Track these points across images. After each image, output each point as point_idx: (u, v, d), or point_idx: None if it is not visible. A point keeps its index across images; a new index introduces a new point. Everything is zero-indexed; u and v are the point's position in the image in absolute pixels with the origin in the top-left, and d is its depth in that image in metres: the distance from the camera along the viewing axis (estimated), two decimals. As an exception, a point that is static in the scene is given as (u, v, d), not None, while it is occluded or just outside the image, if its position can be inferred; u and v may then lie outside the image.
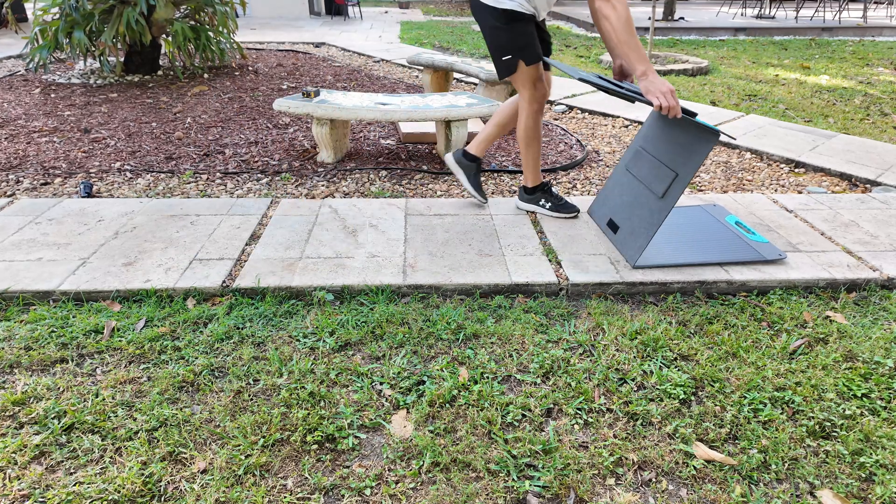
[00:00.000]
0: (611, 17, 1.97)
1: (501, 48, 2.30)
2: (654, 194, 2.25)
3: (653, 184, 2.26)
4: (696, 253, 2.30)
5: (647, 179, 2.32)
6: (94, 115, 4.26)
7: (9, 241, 2.34)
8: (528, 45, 2.28)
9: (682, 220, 2.57)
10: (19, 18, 8.58)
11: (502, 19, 2.20)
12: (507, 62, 2.31)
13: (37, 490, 1.34)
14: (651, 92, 1.96)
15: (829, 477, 1.43)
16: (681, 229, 2.50)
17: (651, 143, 2.39)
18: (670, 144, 2.25)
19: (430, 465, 1.44)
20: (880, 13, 12.11)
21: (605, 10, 1.98)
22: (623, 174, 2.50)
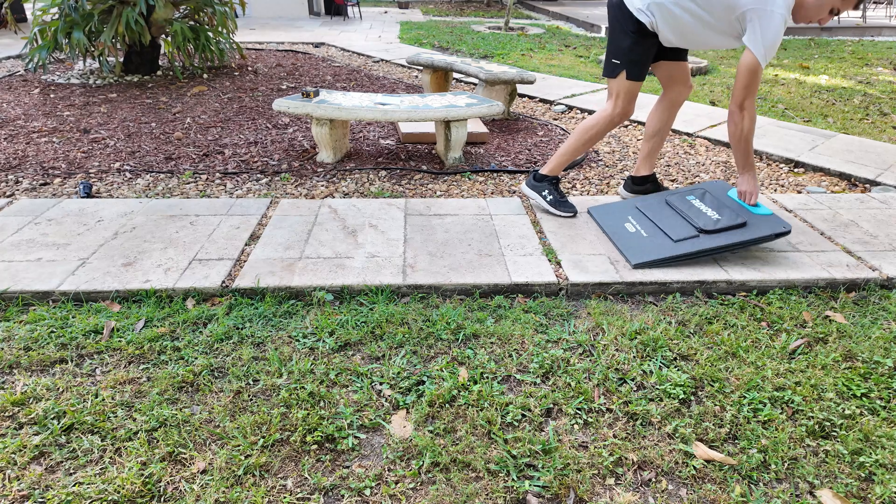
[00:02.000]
0: (736, 126, 2.29)
1: (617, 51, 2.46)
2: (693, 227, 2.36)
3: (698, 218, 2.38)
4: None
5: (690, 214, 2.43)
6: (94, 115, 4.26)
7: (8, 242, 2.34)
8: (639, 62, 2.44)
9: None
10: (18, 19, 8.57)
11: (632, 26, 2.35)
12: (615, 66, 2.48)
13: (36, 490, 1.34)
14: (741, 188, 2.44)
15: (829, 476, 1.43)
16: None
17: (716, 191, 2.56)
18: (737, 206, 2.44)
19: (429, 465, 1.44)
20: (879, 13, 12.12)
21: (735, 117, 2.28)
22: (661, 205, 2.58)
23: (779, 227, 2.22)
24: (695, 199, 2.50)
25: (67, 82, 5.20)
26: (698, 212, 2.41)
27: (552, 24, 10.68)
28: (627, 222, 2.51)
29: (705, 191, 2.55)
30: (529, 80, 4.13)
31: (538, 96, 4.90)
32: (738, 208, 2.39)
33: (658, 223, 2.44)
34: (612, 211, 2.64)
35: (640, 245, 2.34)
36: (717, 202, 2.43)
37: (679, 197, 2.57)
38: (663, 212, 2.50)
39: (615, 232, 2.48)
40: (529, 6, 13.84)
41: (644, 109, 4.51)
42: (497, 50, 7.29)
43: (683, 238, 2.30)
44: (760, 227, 2.26)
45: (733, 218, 2.31)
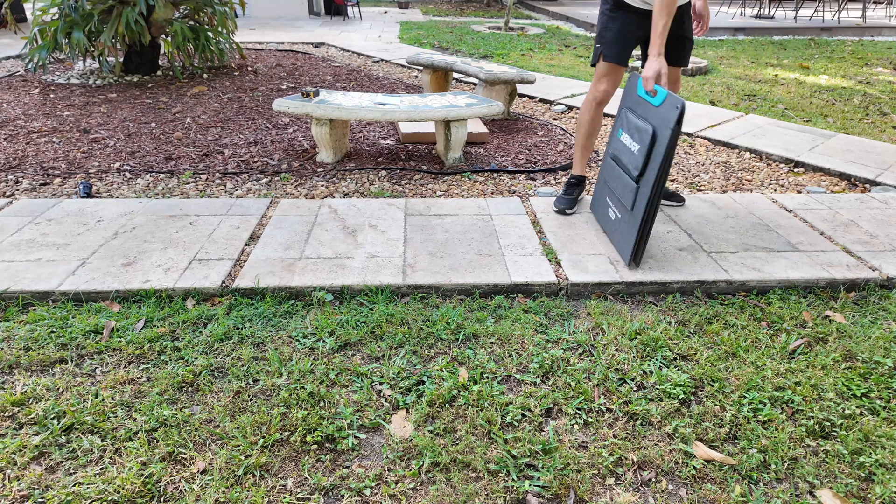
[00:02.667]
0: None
1: (598, 36, 2.47)
2: (631, 178, 2.22)
3: (629, 161, 2.25)
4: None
5: (624, 160, 2.30)
6: (94, 115, 4.26)
7: (8, 242, 2.34)
8: (613, 41, 2.41)
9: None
10: (18, 19, 8.57)
11: (609, 3, 2.34)
12: (595, 50, 2.49)
13: (36, 490, 1.34)
14: (643, 74, 2.22)
15: (829, 476, 1.43)
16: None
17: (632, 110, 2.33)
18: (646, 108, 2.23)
19: (429, 465, 1.44)
20: (879, 13, 12.12)
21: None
22: (610, 165, 2.45)
23: (672, 116, 2.01)
24: (623, 134, 2.35)
25: (67, 82, 5.20)
26: (627, 151, 2.26)
27: (552, 24, 10.68)
28: (609, 209, 2.43)
29: (626, 109, 2.36)
30: (529, 80, 4.13)
31: (538, 96, 4.90)
32: (643, 113, 2.21)
33: (616, 192, 2.34)
34: (598, 200, 2.59)
35: (621, 235, 2.29)
36: (633, 122, 2.26)
37: (615, 141, 2.43)
38: (613, 173, 2.39)
39: (606, 226, 2.46)
40: (529, 6, 13.84)
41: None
42: (497, 50, 7.29)
43: (633, 202, 2.18)
44: (663, 126, 2.06)
45: (644, 137, 2.14)
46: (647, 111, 2.17)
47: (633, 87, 2.32)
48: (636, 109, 2.26)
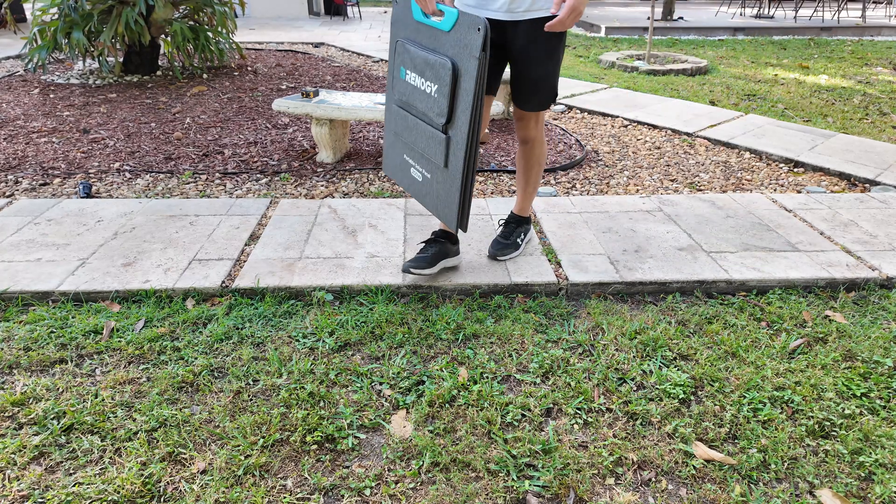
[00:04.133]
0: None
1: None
2: (435, 129, 1.82)
3: (429, 108, 1.81)
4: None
5: (420, 105, 1.84)
6: (93, 115, 4.26)
7: (8, 242, 2.34)
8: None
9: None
10: (18, 19, 8.57)
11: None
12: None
13: (36, 491, 1.34)
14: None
15: (829, 476, 1.43)
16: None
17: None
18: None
19: (429, 465, 1.44)
20: (879, 13, 12.12)
21: None
22: (401, 115, 1.97)
23: (475, 42, 1.61)
24: (407, 73, 1.86)
25: (67, 82, 5.20)
26: (421, 94, 1.81)
27: (552, 24, 10.67)
28: (411, 168, 2.00)
29: (404, 42, 1.86)
30: (529, 79, 4.12)
31: (538, 96, 4.89)
32: (430, 42, 1.77)
33: (417, 147, 1.91)
34: (393, 159, 2.10)
35: (437, 198, 1.89)
36: (418, 56, 1.79)
37: (400, 84, 1.92)
38: (407, 123, 1.93)
39: (412, 189, 2.02)
40: (529, 6, 13.82)
41: (646, 109, 4.52)
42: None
43: (445, 156, 1.79)
44: (464, 56, 1.65)
45: (442, 73, 1.70)
46: (437, 40, 1.73)
47: (406, 10, 1.83)
48: (418, 39, 1.80)
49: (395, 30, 1.91)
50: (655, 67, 6.11)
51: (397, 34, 1.90)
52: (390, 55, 1.94)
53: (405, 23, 1.85)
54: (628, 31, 9.43)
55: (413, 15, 1.80)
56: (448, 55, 1.69)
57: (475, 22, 1.59)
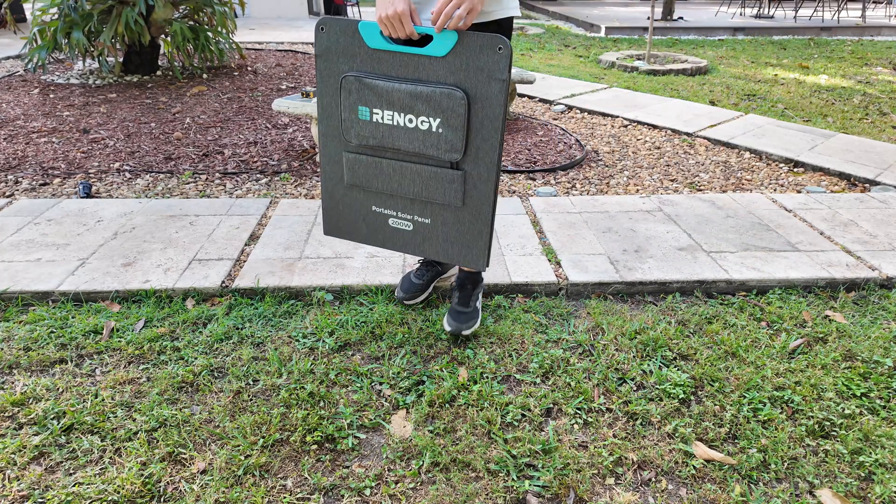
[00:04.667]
0: None
1: None
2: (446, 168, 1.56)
3: (433, 146, 1.52)
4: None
5: (413, 140, 1.54)
6: (93, 115, 4.26)
7: (7, 242, 2.34)
8: None
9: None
10: (18, 19, 8.57)
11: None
12: None
13: (36, 491, 1.34)
14: (377, 7, 1.45)
15: (829, 476, 1.43)
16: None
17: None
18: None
19: (429, 465, 1.44)
20: (879, 13, 12.13)
21: None
22: (381, 166, 1.63)
23: (498, 63, 1.42)
24: (379, 112, 1.53)
25: (67, 82, 5.20)
26: (412, 133, 1.52)
27: (552, 24, 10.68)
28: (391, 219, 1.72)
29: (358, 77, 1.52)
30: (529, 79, 4.13)
31: (538, 96, 4.90)
32: (414, 73, 1.49)
33: (405, 192, 1.63)
34: (351, 215, 1.76)
35: (445, 240, 1.67)
36: (396, 91, 1.49)
37: (362, 126, 1.57)
38: (382, 169, 1.62)
39: (392, 241, 1.74)
40: (529, 6, 13.84)
41: (646, 109, 4.51)
42: (497, 50, 7.29)
43: (462, 193, 1.56)
44: (483, 81, 1.44)
45: (450, 105, 1.46)
46: (422, 68, 1.47)
47: (351, 37, 1.50)
48: (383, 70, 1.50)
49: (328, 64, 1.55)
50: (655, 67, 6.12)
51: (337, 68, 1.55)
52: (323, 95, 1.58)
53: (350, 53, 1.51)
54: (628, 31, 9.43)
55: (367, 42, 1.48)
56: (450, 83, 1.46)
57: (492, 42, 1.39)
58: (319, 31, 1.53)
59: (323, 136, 1.66)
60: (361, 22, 1.47)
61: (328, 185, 1.73)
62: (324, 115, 1.62)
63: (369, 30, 1.48)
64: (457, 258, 1.69)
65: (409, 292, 2.01)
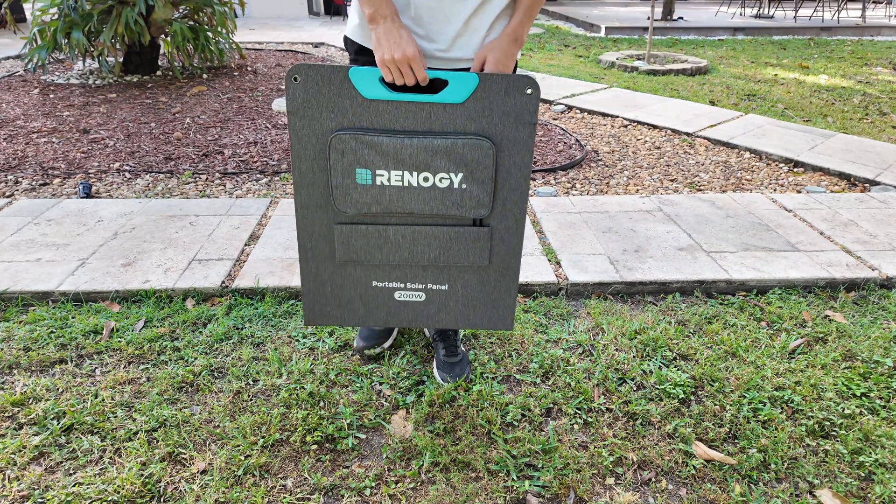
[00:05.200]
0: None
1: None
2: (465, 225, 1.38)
3: (458, 204, 1.33)
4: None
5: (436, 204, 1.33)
6: (93, 115, 4.26)
7: (7, 242, 2.34)
8: None
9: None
10: (18, 19, 8.57)
11: (351, 53, 1.58)
12: None
13: (36, 491, 1.34)
14: (377, 48, 1.26)
15: (829, 476, 1.43)
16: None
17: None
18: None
19: (429, 465, 1.44)
20: (879, 13, 12.13)
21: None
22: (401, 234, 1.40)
23: (527, 105, 1.27)
24: (385, 174, 1.30)
25: (67, 82, 5.20)
26: (429, 193, 1.32)
27: (552, 24, 10.67)
28: (397, 292, 1.48)
29: (349, 139, 1.27)
30: (529, 79, 4.12)
31: (538, 96, 4.89)
32: (426, 122, 1.28)
33: (419, 259, 1.42)
34: (336, 299, 1.49)
35: (466, 305, 1.49)
36: (406, 146, 1.27)
37: (361, 192, 1.32)
38: (387, 238, 1.39)
39: (397, 315, 1.51)
40: (529, 6, 13.81)
41: (646, 109, 4.51)
42: (496, 50, 7.28)
43: (489, 251, 1.41)
44: (509, 125, 1.29)
45: (474, 156, 1.28)
46: (435, 116, 1.27)
47: (341, 87, 1.25)
48: (385, 124, 1.28)
49: (307, 122, 1.27)
50: (655, 67, 6.12)
51: (321, 126, 1.28)
52: (302, 159, 1.30)
53: (339, 107, 1.26)
54: (628, 31, 9.43)
55: (361, 92, 1.25)
56: (471, 132, 1.29)
57: (519, 84, 1.25)
58: (292, 81, 1.23)
59: (302, 207, 1.36)
60: (353, 68, 1.23)
61: (311, 265, 1.43)
62: (302, 183, 1.34)
63: (363, 77, 1.25)
64: (480, 322, 1.51)
65: (369, 340, 1.71)
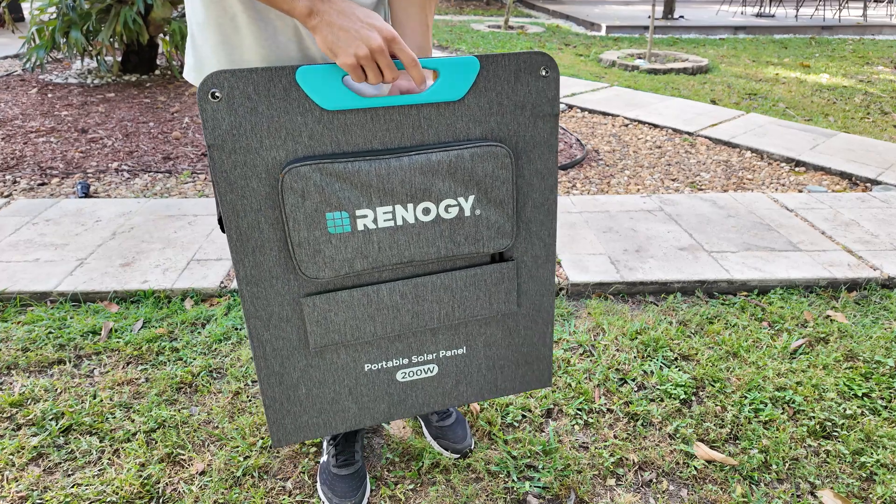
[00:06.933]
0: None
1: None
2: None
3: (453, 236, 1.01)
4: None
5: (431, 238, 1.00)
6: (92, 114, 4.25)
7: (6, 242, 2.33)
8: None
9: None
10: (16, 18, 8.55)
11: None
12: None
13: (34, 492, 1.33)
14: (339, 47, 0.85)
15: (830, 477, 1.43)
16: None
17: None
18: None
19: (429, 465, 1.43)
20: (880, 11, 12.11)
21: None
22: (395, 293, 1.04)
23: (546, 92, 0.97)
24: (370, 214, 0.95)
25: (65, 82, 5.19)
26: (431, 229, 0.98)
27: (552, 23, 10.67)
28: (399, 372, 1.12)
29: (309, 172, 0.90)
30: (529, 78, 4.12)
31: (538, 95, 4.88)
32: (415, 134, 0.95)
33: (426, 322, 1.07)
34: (311, 405, 1.11)
35: (496, 369, 1.18)
36: (397, 171, 0.93)
37: (334, 245, 0.95)
38: (380, 300, 1.03)
39: (399, 396, 1.16)
40: (529, 4, 13.83)
41: (647, 108, 4.51)
42: (497, 49, 7.28)
43: (516, 291, 1.10)
44: (526, 123, 0.99)
45: (484, 168, 0.97)
46: (429, 125, 0.95)
47: (285, 99, 0.88)
48: (370, 143, 0.93)
49: (238, 157, 0.89)
50: (656, 66, 6.11)
51: (262, 160, 0.90)
52: (239, 214, 0.92)
53: (288, 128, 0.89)
54: (629, 30, 9.42)
55: (318, 102, 0.89)
56: (478, 137, 0.97)
57: (531, 62, 0.95)
58: (209, 99, 0.86)
59: (249, 283, 0.97)
60: (302, 67, 0.87)
61: (272, 364, 1.04)
62: (244, 250, 0.94)
63: (319, 79, 0.88)
64: (511, 386, 1.19)
65: (346, 497, 1.31)
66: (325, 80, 0.88)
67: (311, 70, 0.87)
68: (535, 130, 1.00)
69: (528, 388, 1.21)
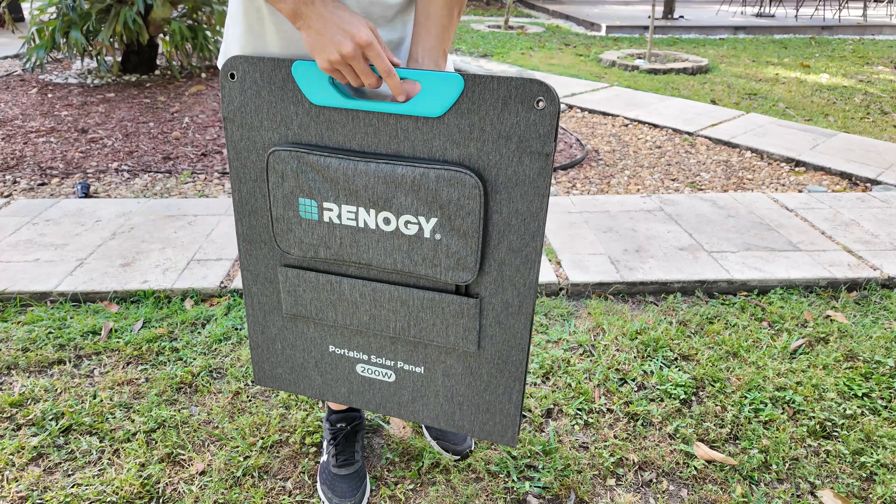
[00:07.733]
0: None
1: None
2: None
3: (430, 259, 0.99)
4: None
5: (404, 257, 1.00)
6: (92, 115, 4.25)
7: (6, 242, 2.33)
8: None
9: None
10: (16, 18, 8.55)
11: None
12: None
13: (34, 492, 1.33)
14: (315, 50, 0.87)
15: (830, 477, 1.43)
16: None
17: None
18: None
19: (429, 466, 1.43)
20: (880, 11, 12.11)
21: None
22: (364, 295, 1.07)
23: (542, 119, 0.86)
24: (334, 208, 0.98)
25: (65, 82, 5.19)
26: (390, 239, 0.98)
27: (552, 23, 10.67)
28: (359, 365, 1.16)
29: (291, 157, 0.96)
30: (529, 78, 4.12)
31: (538, 95, 4.88)
32: (391, 143, 0.94)
33: (384, 327, 1.08)
34: (285, 358, 1.20)
35: (454, 402, 1.14)
36: (361, 173, 0.93)
37: (304, 228, 1.01)
38: (341, 292, 1.07)
39: (359, 396, 1.20)
40: (529, 4, 13.83)
41: (647, 108, 4.51)
42: (497, 49, 7.28)
43: (477, 333, 1.05)
44: (514, 152, 0.89)
45: (448, 194, 0.92)
46: (406, 137, 0.93)
47: (283, 88, 0.95)
48: (339, 143, 0.96)
49: (245, 131, 0.99)
50: (656, 66, 6.11)
51: (261, 138, 0.99)
52: (242, 179, 1.04)
53: (281, 114, 0.96)
54: (629, 30, 9.42)
55: (308, 95, 0.93)
56: (452, 160, 0.92)
57: (524, 91, 0.86)
58: (228, 78, 0.97)
59: (245, 240, 1.09)
60: (298, 61, 0.92)
61: (257, 314, 1.16)
62: (243, 210, 1.06)
63: (311, 74, 0.92)
64: (469, 426, 1.16)
65: (346, 496, 1.32)
66: (315, 76, 0.92)
67: (305, 65, 0.92)
68: (519, 167, 0.91)
69: (489, 438, 1.16)
